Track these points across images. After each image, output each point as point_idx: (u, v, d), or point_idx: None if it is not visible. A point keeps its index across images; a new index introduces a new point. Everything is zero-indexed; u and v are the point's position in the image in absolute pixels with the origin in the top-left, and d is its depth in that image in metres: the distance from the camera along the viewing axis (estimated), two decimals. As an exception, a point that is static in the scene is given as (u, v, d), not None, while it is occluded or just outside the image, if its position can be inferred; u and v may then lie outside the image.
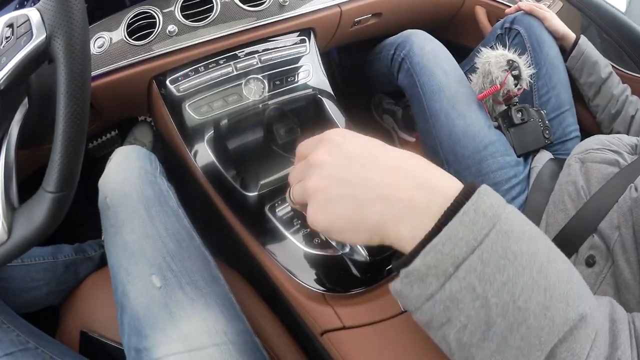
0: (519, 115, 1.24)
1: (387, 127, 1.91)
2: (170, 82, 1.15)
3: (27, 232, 0.66)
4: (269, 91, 1.22)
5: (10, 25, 0.69)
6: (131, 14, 1.13)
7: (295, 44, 1.28)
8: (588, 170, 1.02)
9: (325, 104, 1.27)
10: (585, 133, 1.32)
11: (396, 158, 0.49)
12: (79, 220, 1.32)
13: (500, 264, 0.40)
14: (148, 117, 1.63)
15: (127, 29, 1.11)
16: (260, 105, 1.22)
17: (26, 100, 0.79)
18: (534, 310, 0.40)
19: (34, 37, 0.64)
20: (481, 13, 1.75)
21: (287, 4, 1.23)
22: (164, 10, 1.15)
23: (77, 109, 0.64)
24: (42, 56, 0.65)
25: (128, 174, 0.97)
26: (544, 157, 1.22)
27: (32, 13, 0.66)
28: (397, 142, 1.85)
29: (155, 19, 1.14)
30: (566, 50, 1.38)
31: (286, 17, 1.24)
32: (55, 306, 1.16)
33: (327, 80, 1.31)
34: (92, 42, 1.08)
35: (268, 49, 1.23)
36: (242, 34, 1.20)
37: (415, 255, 0.42)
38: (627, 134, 1.26)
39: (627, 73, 1.41)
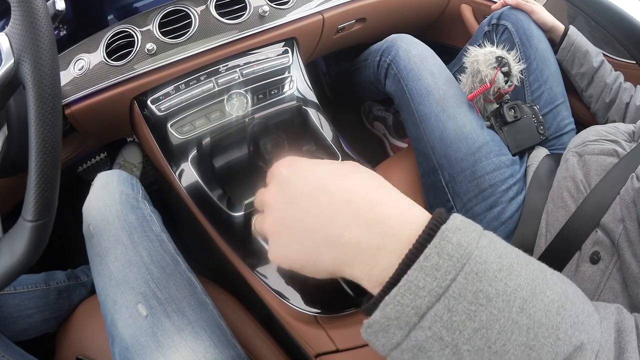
0: (512, 112, 1.21)
1: (379, 134, 1.90)
2: (151, 102, 1.13)
3: (10, 262, 0.65)
4: (252, 105, 1.20)
5: None
6: (109, 34, 1.10)
7: (278, 55, 1.25)
8: (586, 163, 1.00)
9: (311, 114, 1.25)
10: (580, 125, 1.29)
11: (348, 190, 0.44)
12: (71, 245, 1.30)
13: (471, 310, 0.36)
14: (135, 138, 1.60)
15: (106, 50, 1.09)
16: (246, 120, 1.19)
17: (5, 127, 0.78)
18: (514, 352, 0.36)
19: (2, 62, 0.63)
20: (467, 11, 1.73)
21: (267, 14, 1.21)
22: (142, 29, 1.12)
23: (49, 134, 0.63)
24: (12, 82, 0.64)
25: (109, 199, 0.96)
26: (540, 154, 1.20)
27: (1, 38, 0.64)
28: (389, 148, 1.84)
29: (133, 37, 1.11)
30: (556, 43, 1.35)
31: (267, 27, 1.21)
32: (51, 334, 1.15)
33: (312, 91, 1.28)
34: (72, 64, 1.07)
35: (250, 62, 1.21)
36: (222, 47, 1.17)
37: (375, 305, 0.39)
38: (623, 122, 1.24)
39: (618, 60, 1.40)
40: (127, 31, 1.12)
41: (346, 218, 0.42)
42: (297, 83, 1.26)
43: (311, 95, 1.28)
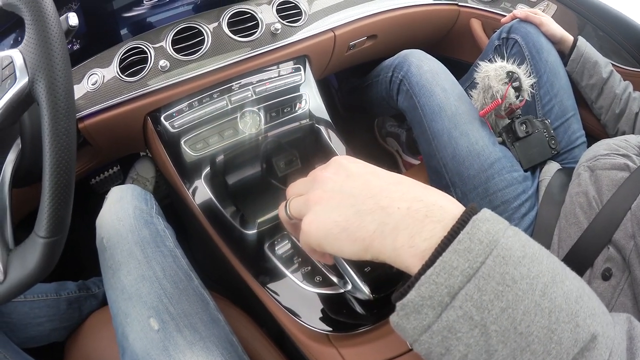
0: (523, 127, 1.21)
1: (391, 150, 1.90)
2: (164, 118, 1.14)
3: (22, 275, 0.66)
4: (265, 123, 1.20)
5: None
6: (123, 50, 1.11)
7: (290, 73, 1.26)
8: (598, 179, 1.00)
9: (324, 133, 1.26)
10: (591, 138, 1.29)
11: (396, 176, 0.50)
12: (83, 257, 1.31)
13: (498, 290, 0.39)
14: (148, 152, 1.61)
15: (119, 65, 1.10)
16: (259, 138, 1.20)
17: (19, 140, 0.79)
18: (537, 334, 0.38)
19: (17, 80, 0.64)
20: (477, 26, 1.73)
21: (279, 32, 1.21)
22: (155, 45, 1.14)
23: (63, 155, 0.64)
24: (27, 99, 0.65)
25: (123, 214, 0.96)
26: (552, 169, 1.19)
27: (16, 55, 0.66)
28: (402, 165, 1.84)
29: (147, 53, 1.12)
30: (565, 54, 1.35)
31: (279, 45, 1.22)
32: (60, 342, 1.15)
33: (324, 109, 1.29)
34: (85, 79, 1.08)
35: (262, 80, 1.21)
36: (235, 65, 1.17)
37: (410, 287, 0.41)
38: (633, 133, 1.24)
39: (627, 69, 1.39)
40: (141, 47, 1.13)
41: (398, 193, 0.47)
42: (310, 101, 1.27)
43: (324, 113, 1.28)
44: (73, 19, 0.73)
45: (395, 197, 0.46)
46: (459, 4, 1.74)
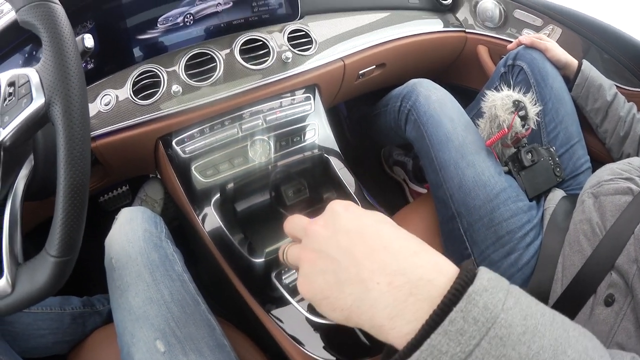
0: (529, 156, 1.20)
1: (398, 179, 1.91)
2: (176, 143, 1.15)
3: (30, 290, 0.67)
4: (275, 152, 1.22)
5: (12, 84, 0.70)
6: (136, 72, 1.13)
7: (300, 102, 1.28)
8: (602, 205, 1.00)
9: (332, 162, 1.27)
10: (595, 162, 1.29)
11: (385, 238, 0.45)
12: (89, 273, 1.32)
13: None
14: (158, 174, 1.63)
15: (132, 87, 1.11)
16: (269, 167, 1.21)
17: (32, 156, 0.80)
18: None
19: (33, 100, 0.66)
20: (484, 52, 1.75)
21: (289, 60, 1.23)
22: (169, 69, 1.15)
23: (77, 178, 0.65)
24: (42, 120, 0.67)
25: (133, 236, 0.97)
26: (556, 196, 1.19)
27: (32, 74, 0.67)
28: (409, 193, 1.85)
29: (159, 77, 1.14)
30: (570, 79, 1.35)
31: (290, 74, 1.24)
32: (62, 355, 1.16)
33: (334, 139, 1.30)
34: (98, 99, 1.09)
35: (273, 109, 1.23)
36: (246, 93, 1.19)
37: None
38: (637, 155, 1.24)
39: (631, 90, 1.39)
40: (154, 71, 1.14)
41: (381, 262, 0.42)
42: (319, 131, 1.29)
43: (333, 144, 1.30)
44: (89, 40, 0.75)
45: (375, 269, 0.42)
46: (467, 30, 1.77)
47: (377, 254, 0.43)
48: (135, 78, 1.13)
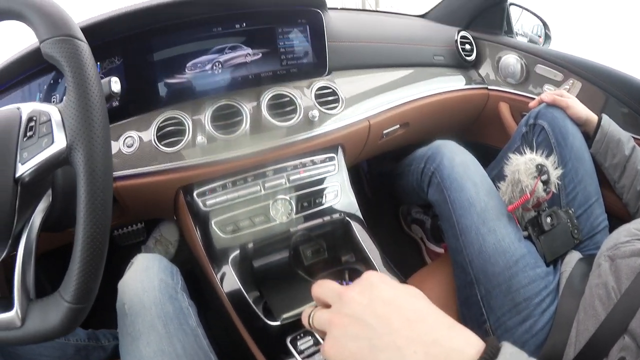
0: (549, 220, 1.19)
1: (416, 238, 1.89)
2: (197, 195, 1.15)
3: (40, 328, 0.66)
4: (296, 213, 1.21)
5: (33, 119, 0.69)
6: (161, 118, 1.13)
7: (324, 162, 1.28)
8: (618, 268, 0.97)
9: (354, 228, 1.25)
10: (612, 218, 1.28)
11: (421, 311, 0.49)
12: (96, 307, 1.31)
13: None
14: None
15: (156, 133, 1.11)
16: (290, 230, 1.20)
17: (50, 191, 0.79)
18: None
19: (54, 142, 0.65)
20: (505, 110, 1.75)
21: (316, 119, 1.23)
22: (194, 117, 1.15)
23: (98, 229, 0.64)
24: (63, 162, 0.66)
25: (148, 284, 0.96)
26: (573, 259, 1.17)
27: (54, 113, 0.67)
28: (425, 252, 1.83)
29: (184, 126, 1.14)
30: (590, 135, 1.34)
31: (316, 134, 1.25)
32: None
33: (356, 203, 1.29)
34: (121, 139, 1.09)
35: (296, 168, 1.23)
36: (271, 150, 1.19)
37: None
38: None
39: None
40: (179, 118, 1.14)
41: (418, 333, 0.46)
42: (342, 194, 1.28)
43: (355, 209, 1.28)
44: (116, 85, 0.74)
45: (413, 338, 0.45)
46: (489, 87, 1.77)
47: (415, 325, 0.46)
48: (160, 123, 1.13)
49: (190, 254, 1.36)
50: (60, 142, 0.65)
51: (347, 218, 1.26)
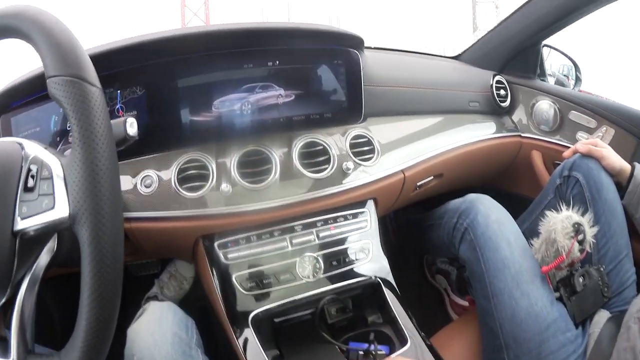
0: (581, 280, 1.16)
1: (439, 288, 1.84)
2: (218, 246, 1.09)
3: None
4: (324, 272, 1.13)
5: (34, 169, 0.63)
6: (184, 159, 1.08)
7: (356, 218, 1.21)
8: None
9: (385, 291, 1.18)
10: None
11: None
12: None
13: None
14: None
15: (177, 175, 1.06)
16: (316, 290, 1.13)
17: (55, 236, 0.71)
18: None
19: (55, 207, 0.60)
20: (538, 159, 1.71)
21: (350, 171, 1.17)
22: (219, 160, 1.10)
23: (105, 314, 0.59)
24: (66, 230, 0.60)
25: (160, 338, 0.92)
26: (601, 319, 1.14)
27: (57, 168, 0.61)
28: (449, 304, 1.78)
29: (208, 170, 1.08)
30: (622, 186, 1.30)
31: (350, 187, 1.18)
32: None
33: (387, 265, 1.22)
34: (139, 178, 1.04)
35: (327, 223, 1.17)
36: (301, 204, 1.13)
37: None
38: None
39: None
40: (203, 162, 1.09)
41: None
42: (372, 253, 1.21)
43: (386, 273, 1.21)
44: (132, 128, 0.68)
45: None
46: (522, 135, 1.73)
47: None
48: (182, 164, 1.07)
49: (204, 294, 1.31)
50: (62, 209, 0.59)
51: (377, 280, 1.19)
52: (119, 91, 1.06)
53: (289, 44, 1.19)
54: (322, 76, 1.23)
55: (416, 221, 1.69)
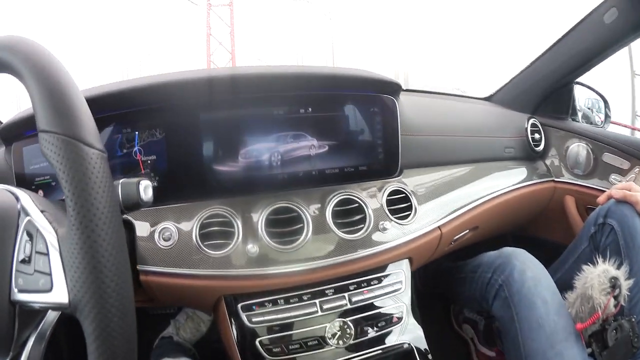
0: (614, 334, 1.10)
1: (466, 338, 1.78)
2: (242, 308, 1.02)
3: None
4: (354, 338, 1.06)
5: (29, 236, 0.54)
6: (206, 213, 1.01)
7: (391, 280, 1.15)
8: None
9: (415, 353, 1.12)
10: None
11: None
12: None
13: None
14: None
15: (199, 230, 0.99)
16: (345, 359, 1.06)
17: None
18: None
19: (52, 290, 0.51)
20: (571, 205, 1.66)
21: (386, 232, 1.11)
22: (245, 216, 1.03)
23: None
24: (69, 315, 0.52)
25: None
26: None
27: (52, 242, 0.52)
28: (475, 356, 1.72)
29: (233, 227, 1.01)
30: None
31: (385, 248, 1.11)
32: None
33: (421, 331, 1.16)
34: (157, 230, 0.98)
35: (360, 287, 1.09)
36: (334, 266, 1.06)
37: None
38: None
39: None
40: (227, 217, 1.02)
41: None
42: (407, 317, 1.14)
43: (421, 341, 1.15)
44: (146, 194, 0.61)
45: None
46: (555, 179, 1.68)
47: None
48: (205, 219, 1.01)
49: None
50: (60, 293, 0.51)
51: (410, 347, 1.13)
52: (136, 133, 1.01)
53: (323, 90, 1.14)
54: (357, 125, 1.18)
55: (446, 270, 1.65)
